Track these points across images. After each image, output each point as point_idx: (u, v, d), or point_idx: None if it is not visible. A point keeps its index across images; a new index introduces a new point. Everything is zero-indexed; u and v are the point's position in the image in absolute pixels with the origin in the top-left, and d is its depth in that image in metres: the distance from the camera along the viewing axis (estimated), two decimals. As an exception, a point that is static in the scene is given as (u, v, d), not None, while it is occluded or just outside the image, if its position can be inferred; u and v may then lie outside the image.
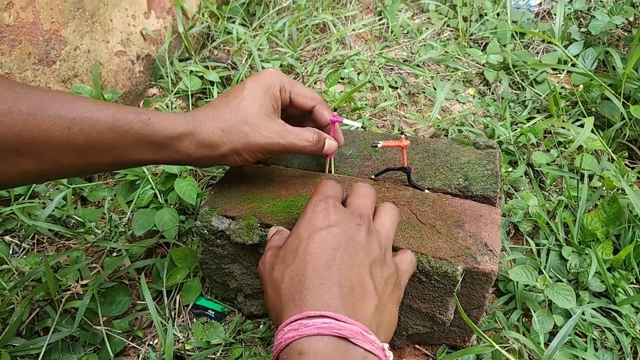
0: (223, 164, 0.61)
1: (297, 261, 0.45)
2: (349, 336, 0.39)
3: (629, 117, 0.96)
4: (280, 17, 1.40)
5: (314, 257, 0.45)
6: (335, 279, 0.43)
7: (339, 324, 0.40)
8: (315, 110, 0.64)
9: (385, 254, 0.49)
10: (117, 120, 0.52)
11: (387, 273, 0.48)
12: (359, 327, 0.40)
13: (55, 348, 0.69)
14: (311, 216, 0.49)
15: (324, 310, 0.40)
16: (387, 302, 0.47)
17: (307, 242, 0.46)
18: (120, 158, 0.54)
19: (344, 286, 0.43)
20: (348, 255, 0.45)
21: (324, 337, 0.39)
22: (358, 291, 0.43)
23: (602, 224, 0.78)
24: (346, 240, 0.46)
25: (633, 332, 0.69)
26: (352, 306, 0.42)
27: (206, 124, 0.57)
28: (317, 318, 0.40)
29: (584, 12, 1.34)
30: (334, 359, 0.38)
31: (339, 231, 0.47)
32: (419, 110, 1.13)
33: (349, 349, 0.39)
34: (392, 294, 0.48)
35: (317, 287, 0.42)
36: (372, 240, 0.48)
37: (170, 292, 0.77)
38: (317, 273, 0.43)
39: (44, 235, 0.85)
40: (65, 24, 0.97)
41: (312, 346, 0.39)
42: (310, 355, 0.38)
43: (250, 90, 0.59)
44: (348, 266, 0.44)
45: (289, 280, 0.44)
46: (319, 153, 0.63)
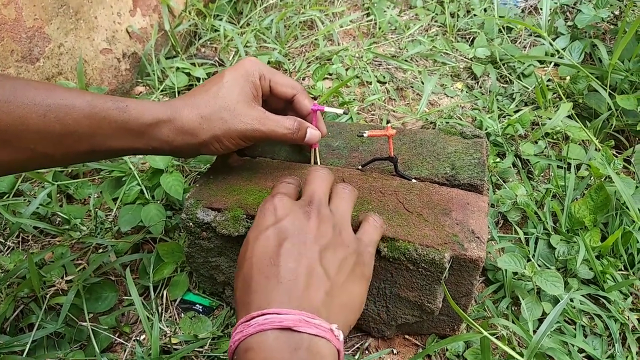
0: (204, 153, 0.60)
1: (245, 265, 0.46)
2: (291, 326, 0.41)
3: (616, 108, 0.96)
4: (267, 14, 1.39)
5: (259, 258, 0.46)
6: (278, 274, 0.44)
7: (279, 317, 0.41)
8: (296, 99, 0.64)
9: (341, 235, 0.50)
10: (94, 108, 0.52)
11: (342, 255, 0.48)
12: (301, 315, 0.41)
13: (40, 345, 0.68)
14: (259, 218, 0.50)
15: (267, 308, 0.42)
16: (345, 283, 0.47)
17: (253, 245, 0.47)
18: (98, 146, 0.54)
19: (288, 280, 0.44)
20: (293, 247, 0.46)
21: (267, 332, 0.41)
22: (303, 281, 0.44)
23: (590, 212, 0.78)
24: (292, 232, 0.47)
25: (622, 318, 0.69)
26: (297, 297, 0.43)
27: (185, 111, 0.56)
28: (259, 317, 0.41)
29: (570, 6, 1.35)
30: (279, 349, 0.40)
31: (285, 225, 0.47)
32: (407, 104, 1.13)
33: (293, 337, 0.41)
34: (352, 273, 0.48)
35: (262, 287, 0.44)
36: (323, 225, 0.48)
37: (157, 288, 0.76)
38: (262, 273, 0.45)
39: (28, 233, 0.84)
40: (49, 21, 0.96)
41: (255, 341, 0.41)
42: (255, 349, 0.40)
43: (230, 78, 0.59)
44: (294, 258, 0.45)
45: (241, 286, 0.46)
46: (301, 142, 0.63)
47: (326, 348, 0.42)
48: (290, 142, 0.62)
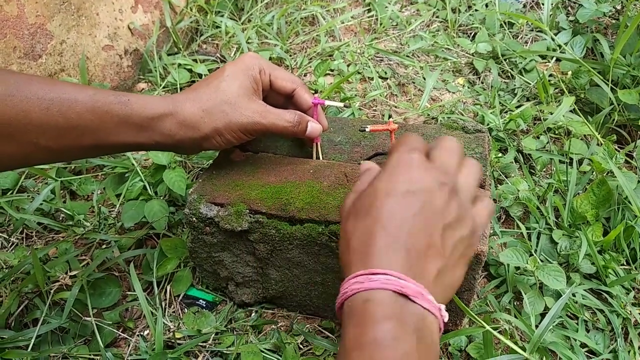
0: (206, 148, 0.60)
1: (369, 218, 0.45)
2: (409, 294, 0.41)
3: (618, 102, 0.96)
4: (268, 10, 1.39)
5: (387, 218, 0.44)
6: (403, 241, 0.43)
7: (401, 282, 0.41)
8: (296, 93, 0.64)
9: (464, 214, 0.47)
10: (96, 102, 0.52)
11: (461, 235, 0.47)
12: (419, 287, 0.42)
13: (44, 340, 0.68)
14: (393, 171, 0.46)
15: (389, 270, 0.42)
16: (456, 264, 0.47)
17: (382, 201, 0.45)
18: (101, 141, 0.54)
19: (412, 249, 0.43)
20: (422, 218, 0.44)
21: (387, 291, 0.41)
22: (424, 254, 0.44)
23: (592, 207, 0.79)
24: (423, 203, 0.45)
25: (624, 312, 0.69)
26: (416, 267, 0.43)
27: (186, 104, 0.57)
28: (382, 275, 0.41)
29: (571, 1, 1.34)
30: (395, 309, 0.40)
31: (419, 189, 0.45)
32: (409, 99, 1.13)
33: (408, 305, 0.41)
34: (463, 254, 0.48)
35: (385, 248, 0.43)
36: (452, 202, 0.46)
37: (161, 283, 0.76)
38: (387, 234, 0.44)
39: (32, 229, 0.84)
40: (51, 18, 0.96)
41: (376, 296, 0.41)
42: (374, 302, 0.41)
43: (230, 72, 0.59)
44: (420, 229, 0.44)
45: (360, 235, 0.45)
46: (302, 135, 0.63)
47: (434, 324, 0.43)
48: (291, 135, 0.63)
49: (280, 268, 0.67)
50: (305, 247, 0.63)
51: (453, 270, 0.47)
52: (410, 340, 0.39)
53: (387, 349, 0.39)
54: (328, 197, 0.63)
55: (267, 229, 0.63)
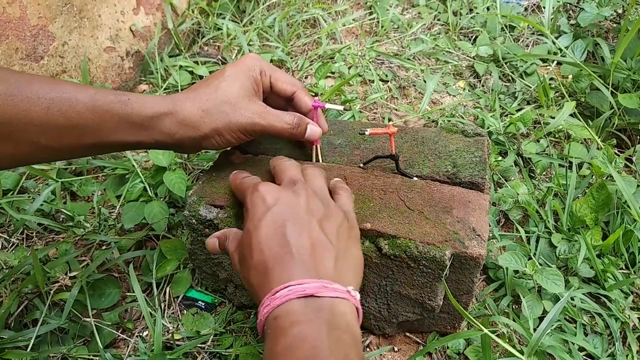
0: (205, 147, 0.60)
1: (255, 253, 0.48)
2: (313, 292, 0.44)
3: (618, 106, 0.96)
4: (270, 12, 1.40)
5: (267, 243, 0.48)
6: (291, 251, 0.47)
7: (302, 286, 0.44)
8: (296, 96, 0.65)
9: (329, 206, 0.53)
10: (97, 101, 0.53)
11: (337, 222, 0.51)
12: (319, 282, 0.45)
13: (44, 340, 0.68)
14: (251, 209, 0.52)
15: (288, 282, 0.45)
16: (348, 247, 0.51)
17: (256, 233, 0.49)
18: (101, 139, 0.54)
19: (301, 254, 0.47)
20: (295, 224, 0.49)
21: (292, 301, 0.44)
22: (313, 252, 0.47)
23: (591, 211, 0.79)
24: (289, 212, 0.50)
25: (622, 316, 0.69)
26: (313, 267, 0.46)
27: (186, 104, 0.57)
28: (283, 289, 0.44)
29: (573, 5, 1.34)
30: (304, 313, 0.43)
31: (280, 208, 0.50)
32: (410, 102, 1.13)
33: (315, 302, 0.44)
34: (349, 237, 0.52)
35: (278, 266, 0.47)
36: (312, 200, 0.52)
37: (160, 284, 0.76)
38: (275, 254, 0.47)
39: (32, 230, 0.85)
40: (53, 19, 0.96)
41: (282, 310, 0.44)
42: (282, 316, 0.43)
43: (231, 73, 0.60)
44: (299, 234, 0.48)
45: (255, 272, 0.48)
46: (301, 137, 0.63)
47: (346, 307, 0.45)
48: (291, 137, 0.63)
49: (279, 270, 0.68)
50: (304, 250, 0.63)
51: (348, 252, 0.51)
52: (319, 334, 0.42)
53: (297, 350, 0.41)
54: (327, 200, 0.63)
55: (266, 231, 0.63)
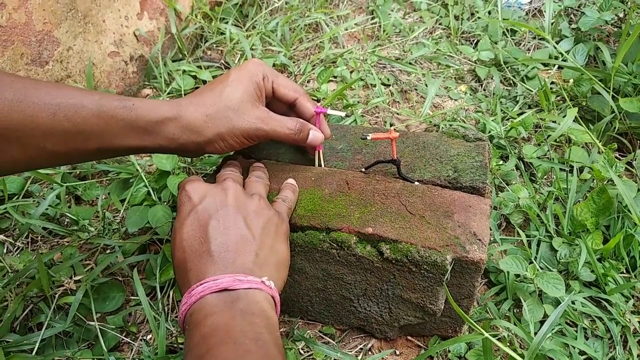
0: (209, 152, 0.61)
1: (177, 252, 0.52)
2: (226, 286, 0.47)
3: (619, 111, 0.97)
4: (273, 17, 1.40)
5: (189, 242, 0.51)
6: (210, 250, 0.50)
7: (215, 282, 0.47)
8: (298, 102, 0.65)
9: (260, 201, 0.57)
10: (102, 107, 0.54)
11: (265, 218, 0.55)
12: (232, 276, 0.48)
13: (49, 344, 0.69)
14: (179, 208, 0.55)
15: (203, 279, 0.48)
16: (273, 243, 0.54)
17: (179, 231, 0.52)
18: (106, 144, 0.55)
19: (219, 252, 0.50)
20: (219, 222, 0.52)
21: (207, 296, 0.47)
22: (234, 249, 0.50)
23: (592, 215, 0.79)
24: (214, 209, 0.53)
25: (623, 320, 0.70)
26: (231, 264, 0.49)
27: (190, 109, 0.58)
28: (198, 286, 0.48)
29: (574, 9, 1.35)
30: (218, 305, 0.46)
31: (205, 205, 0.53)
32: (411, 107, 1.13)
33: (230, 295, 0.47)
34: (277, 233, 0.55)
35: (196, 264, 0.49)
36: (242, 196, 0.55)
37: (164, 288, 0.77)
38: (194, 253, 0.50)
39: (37, 234, 0.85)
40: (58, 25, 0.97)
41: (196, 306, 0.47)
42: (197, 311, 0.46)
43: (234, 78, 0.60)
44: (220, 232, 0.51)
45: (178, 271, 0.52)
46: (303, 143, 0.64)
47: (260, 296, 0.48)
48: (293, 142, 0.64)
49: (281, 274, 0.68)
50: (306, 254, 0.64)
51: (273, 248, 0.54)
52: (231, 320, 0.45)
53: (211, 337, 0.44)
54: (329, 205, 0.64)
55: (268, 236, 0.63)
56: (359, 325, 0.71)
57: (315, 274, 0.66)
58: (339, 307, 0.69)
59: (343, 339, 0.72)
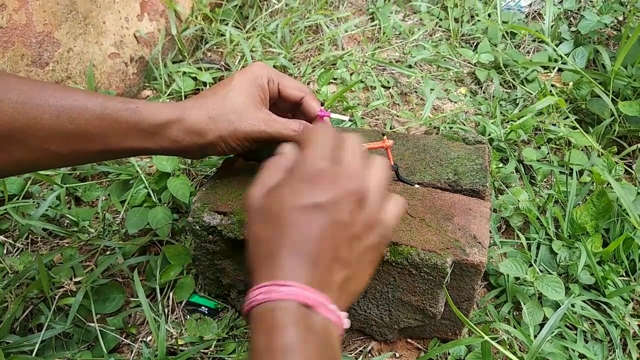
0: (211, 154, 0.61)
1: (276, 229, 0.45)
2: (312, 305, 0.42)
3: (618, 114, 0.97)
4: (273, 19, 1.41)
5: (293, 233, 0.44)
6: (308, 254, 0.44)
7: (305, 293, 0.42)
8: (304, 101, 0.65)
9: (374, 221, 0.47)
10: (106, 109, 0.54)
11: (368, 244, 0.47)
12: (321, 299, 0.43)
13: (49, 345, 0.69)
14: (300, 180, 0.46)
15: (293, 281, 0.43)
16: (363, 270, 0.47)
17: (289, 214, 0.45)
18: (109, 146, 0.55)
19: (317, 262, 0.44)
20: (329, 233, 0.44)
21: (291, 302, 0.42)
22: (330, 266, 0.44)
23: (592, 218, 0.79)
24: (330, 217, 0.45)
25: (622, 323, 0.70)
26: (321, 279, 0.44)
27: (193, 112, 0.58)
28: (286, 287, 0.42)
29: (573, 12, 1.35)
30: (298, 319, 0.42)
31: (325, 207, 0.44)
32: (411, 109, 1.14)
33: (311, 314, 0.42)
34: (371, 260, 0.48)
35: (290, 260, 0.44)
36: (359, 212, 0.46)
37: (164, 289, 0.77)
38: (293, 248, 0.44)
39: (37, 235, 0.85)
40: (58, 26, 0.97)
41: (281, 305, 0.42)
42: (280, 311, 0.42)
43: (238, 82, 0.60)
44: (326, 244, 0.44)
45: (266, 244, 0.45)
46: None
47: (335, 331, 0.44)
48: None
49: (281, 276, 0.68)
50: (306, 256, 0.64)
51: (359, 277, 0.47)
52: (315, 346, 0.41)
53: (296, 352, 0.40)
54: (330, 207, 0.64)
55: (269, 238, 0.63)
56: (358, 328, 0.71)
57: (315, 276, 0.66)
58: (339, 309, 0.69)
59: (343, 341, 0.72)
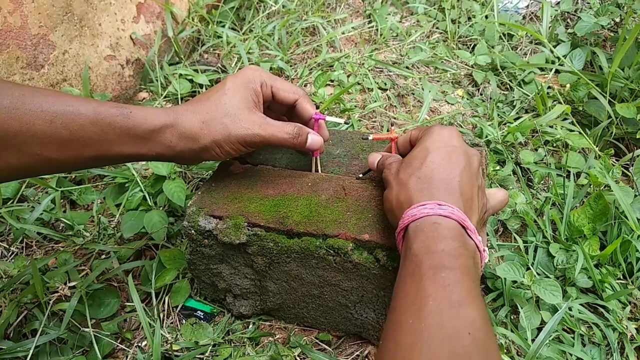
0: (205, 159, 0.61)
1: (424, 167, 0.53)
2: (468, 227, 0.49)
3: (615, 116, 0.97)
4: (270, 20, 1.40)
5: (441, 166, 0.53)
6: (457, 188, 0.52)
7: (463, 216, 0.49)
8: (298, 103, 0.65)
9: (483, 185, 0.57)
10: (99, 114, 0.53)
11: (484, 202, 0.56)
12: (472, 226, 0.50)
13: (43, 350, 0.68)
14: (437, 136, 0.56)
15: (451, 204, 0.50)
16: (480, 223, 0.54)
17: (434, 154, 0.54)
18: (103, 152, 0.55)
19: (464, 195, 0.52)
20: (467, 174, 0.53)
21: (452, 220, 0.49)
22: (470, 203, 0.52)
23: (589, 221, 0.79)
24: (466, 162, 0.54)
25: (620, 327, 0.70)
26: (467, 212, 0.51)
27: (187, 116, 0.58)
28: (447, 207, 0.49)
29: (570, 14, 1.35)
30: (457, 239, 0.48)
31: (461, 153, 0.54)
32: (408, 111, 1.13)
33: (466, 237, 0.49)
34: (482, 219, 0.56)
35: (445, 187, 0.52)
36: (479, 171, 0.56)
37: (159, 294, 0.77)
38: (444, 179, 0.52)
39: (32, 239, 0.85)
40: (54, 28, 0.97)
41: (444, 221, 0.49)
42: (442, 225, 0.48)
43: (231, 86, 0.60)
44: (466, 183, 0.53)
45: (417, 179, 0.53)
46: (302, 147, 0.64)
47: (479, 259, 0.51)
48: (292, 147, 0.63)
49: (277, 281, 0.68)
50: (302, 261, 0.63)
51: (479, 228, 0.54)
52: (469, 259, 0.47)
53: (454, 257, 0.46)
54: (326, 211, 0.63)
55: (265, 242, 0.63)
56: (355, 332, 0.71)
57: (311, 280, 0.66)
58: (335, 313, 0.69)
59: (339, 345, 0.71)
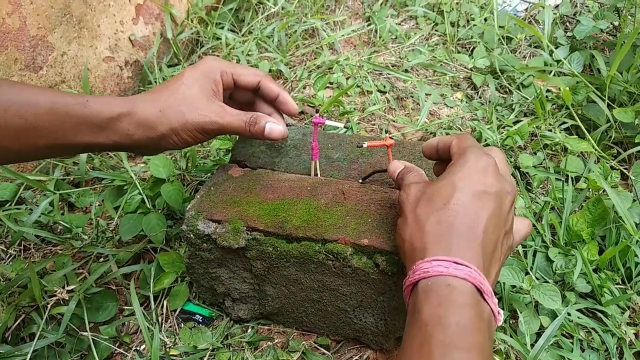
0: (164, 147, 0.61)
1: (447, 209, 0.47)
2: (485, 292, 0.44)
3: (614, 119, 0.97)
4: (269, 22, 1.40)
5: (466, 213, 0.47)
6: (479, 240, 0.46)
7: (481, 278, 0.44)
8: (262, 84, 0.66)
9: (512, 224, 0.52)
10: (55, 104, 0.54)
11: (510, 243, 0.51)
12: (489, 288, 0.45)
13: (41, 354, 0.68)
14: (470, 170, 0.49)
15: (468, 262, 0.45)
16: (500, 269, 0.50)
17: (461, 193, 0.48)
18: (60, 141, 0.55)
19: (486, 249, 0.46)
20: (494, 222, 0.47)
21: (469, 283, 0.44)
22: (491, 256, 0.47)
23: (588, 225, 0.79)
24: (496, 207, 0.48)
25: (619, 332, 0.70)
26: (487, 268, 0.46)
27: (144, 104, 0.58)
28: (465, 266, 0.44)
29: (569, 17, 1.35)
30: (473, 307, 0.43)
31: (493, 197, 0.48)
32: (407, 114, 1.13)
33: (481, 302, 0.44)
34: (503, 263, 0.51)
35: (466, 242, 0.46)
36: (511, 211, 0.50)
37: (158, 297, 0.76)
38: (467, 229, 0.46)
39: (30, 242, 0.85)
40: (52, 30, 0.96)
41: (459, 284, 0.44)
42: (457, 289, 0.43)
43: (189, 75, 0.61)
44: (491, 232, 0.47)
45: (436, 222, 0.47)
46: (260, 136, 0.64)
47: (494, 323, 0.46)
48: (249, 135, 0.64)
49: (276, 285, 0.68)
50: (301, 265, 0.63)
51: (498, 275, 0.50)
52: (485, 333, 0.43)
53: (469, 334, 0.41)
54: (325, 215, 0.63)
55: (264, 247, 0.63)
56: (354, 336, 0.71)
57: (310, 284, 0.66)
58: (334, 318, 0.69)
59: (338, 350, 0.71)
